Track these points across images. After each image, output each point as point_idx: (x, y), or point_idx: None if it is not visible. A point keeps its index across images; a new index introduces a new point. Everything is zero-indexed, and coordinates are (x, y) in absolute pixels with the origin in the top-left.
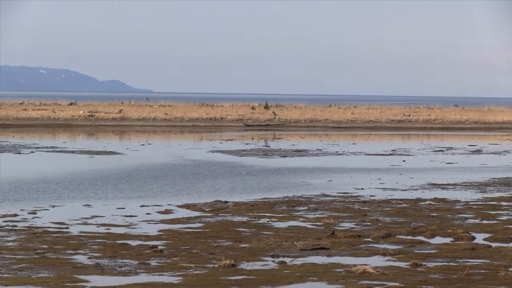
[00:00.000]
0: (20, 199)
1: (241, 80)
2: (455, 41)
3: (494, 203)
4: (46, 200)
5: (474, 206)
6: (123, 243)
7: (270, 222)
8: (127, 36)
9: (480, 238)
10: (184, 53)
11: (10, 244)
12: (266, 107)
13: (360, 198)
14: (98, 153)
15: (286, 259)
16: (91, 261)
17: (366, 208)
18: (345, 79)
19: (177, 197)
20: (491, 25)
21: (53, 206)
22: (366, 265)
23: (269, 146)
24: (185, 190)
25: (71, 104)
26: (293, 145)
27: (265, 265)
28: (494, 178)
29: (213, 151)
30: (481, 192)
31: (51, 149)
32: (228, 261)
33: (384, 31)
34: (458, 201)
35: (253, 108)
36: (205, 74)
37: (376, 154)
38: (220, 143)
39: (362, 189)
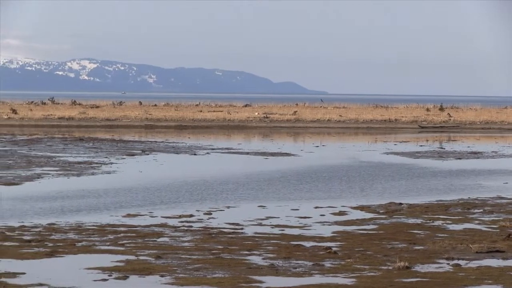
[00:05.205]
0: (196, 200)
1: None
2: None
3: None
4: (222, 201)
5: None
6: (297, 244)
7: (444, 225)
8: (303, 38)
9: None
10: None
11: (186, 244)
12: (441, 109)
13: None
14: (272, 154)
15: (461, 262)
16: (266, 262)
17: None
18: None
19: (351, 199)
20: None
21: (228, 207)
22: None
23: (444, 148)
24: (359, 192)
25: (246, 105)
26: (468, 147)
27: (440, 267)
28: None
29: (387, 153)
30: None
31: (226, 151)
32: (402, 263)
33: None
34: None
35: (427, 110)
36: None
37: None
38: (395, 145)
39: None
